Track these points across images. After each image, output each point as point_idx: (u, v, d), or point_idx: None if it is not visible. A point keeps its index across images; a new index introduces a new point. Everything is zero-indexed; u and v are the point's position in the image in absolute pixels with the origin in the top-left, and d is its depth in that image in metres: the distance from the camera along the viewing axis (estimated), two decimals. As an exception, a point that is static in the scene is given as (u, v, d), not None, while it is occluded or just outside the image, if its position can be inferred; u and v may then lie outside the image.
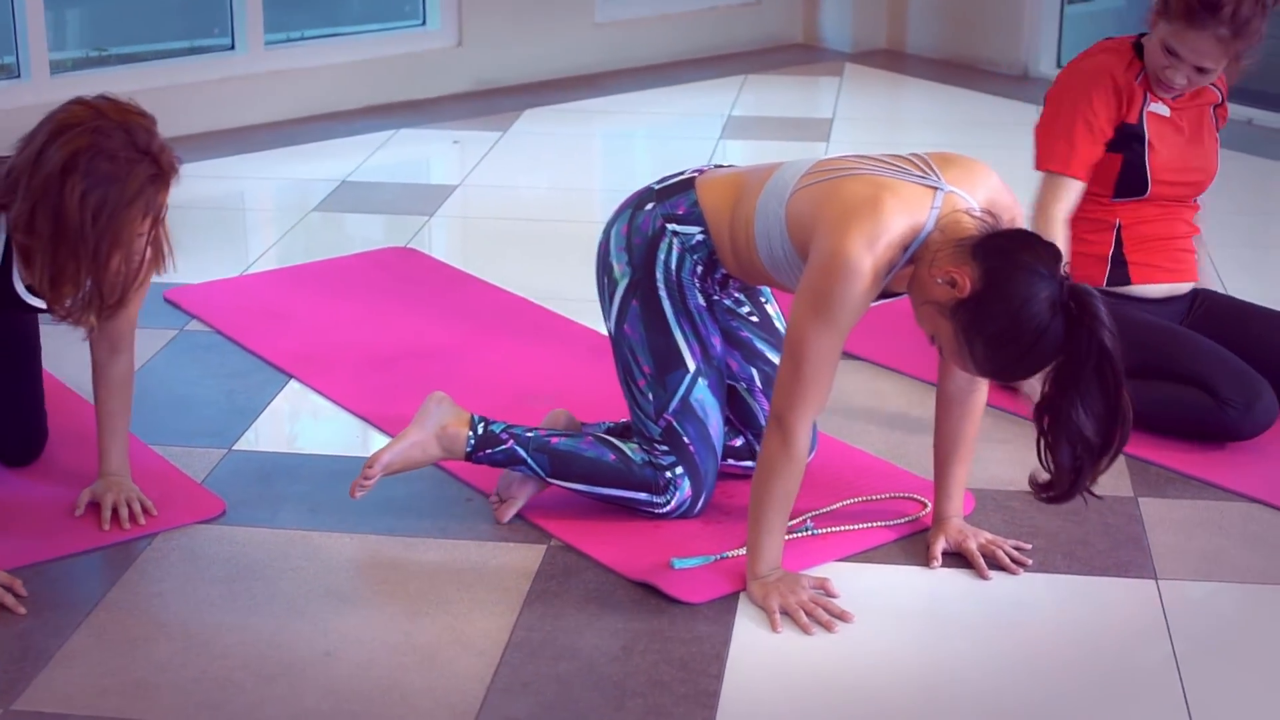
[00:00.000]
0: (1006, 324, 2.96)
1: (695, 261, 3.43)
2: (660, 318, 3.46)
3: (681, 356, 3.46)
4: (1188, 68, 3.90)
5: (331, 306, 4.78)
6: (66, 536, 3.44)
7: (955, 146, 6.55)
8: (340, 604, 3.24)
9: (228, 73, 6.84)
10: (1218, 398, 3.81)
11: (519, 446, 3.49)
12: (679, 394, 3.46)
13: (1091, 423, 2.95)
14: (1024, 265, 2.98)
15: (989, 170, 3.31)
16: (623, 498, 3.50)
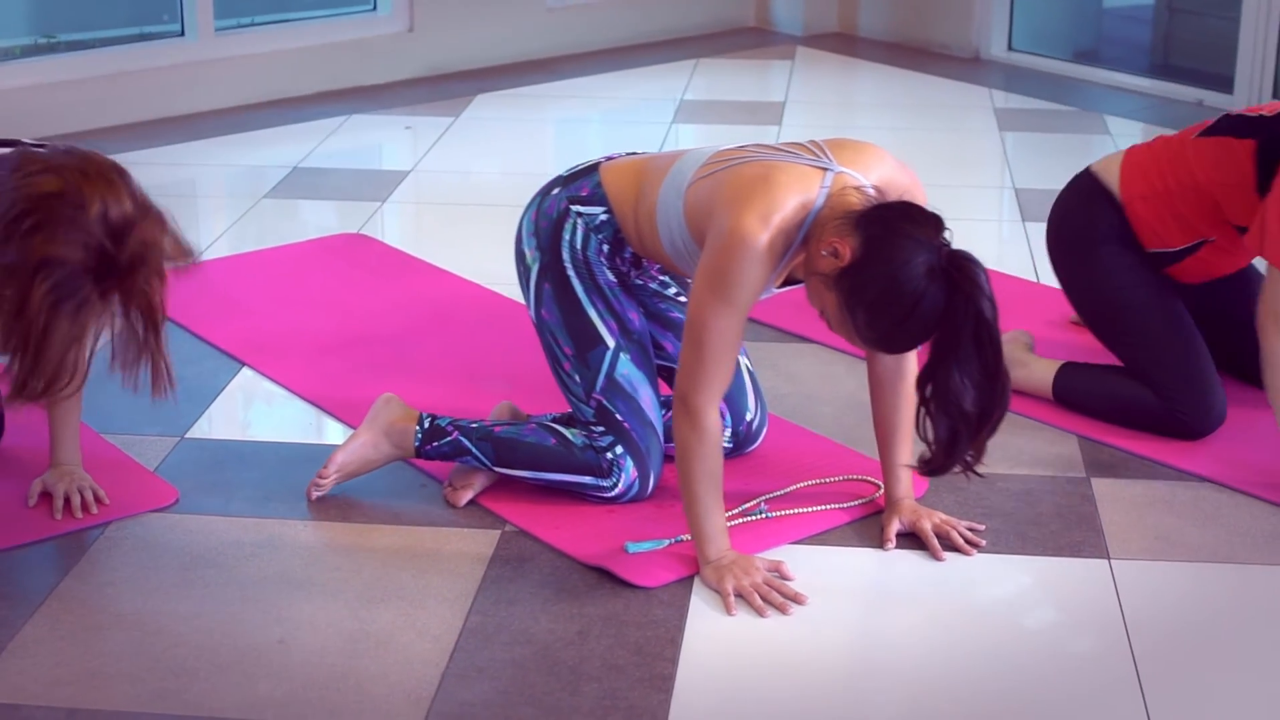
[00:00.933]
0: (883, 289, 3.00)
1: (601, 240, 3.46)
2: (572, 297, 3.48)
3: (599, 333, 3.47)
4: None
5: (284, 293, 4.77)
6: (18, 526, 3.42)
7: (908, 129, 6.63)
8: (294, 591, 3.23)
9: (178, 59, 6.81)
10: (1171, 404, 3.81)
11: (464, 437, 3.51)
12: (603, 371, 3.47)
13: (970, 392, 3.00)
14: (902, 232, 3.02)
15: (883, 153, 3.35)
16: (570, 483, 3.50)
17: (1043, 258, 5.02)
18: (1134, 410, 3.87)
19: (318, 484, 3.54)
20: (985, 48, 7.84)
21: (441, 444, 3.52)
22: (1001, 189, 5.86)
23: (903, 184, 3.31)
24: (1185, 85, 7.11)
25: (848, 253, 3.05)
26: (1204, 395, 3.82)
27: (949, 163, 6.17)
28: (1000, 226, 5.53)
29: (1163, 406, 3.83)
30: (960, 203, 5.65)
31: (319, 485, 3.54)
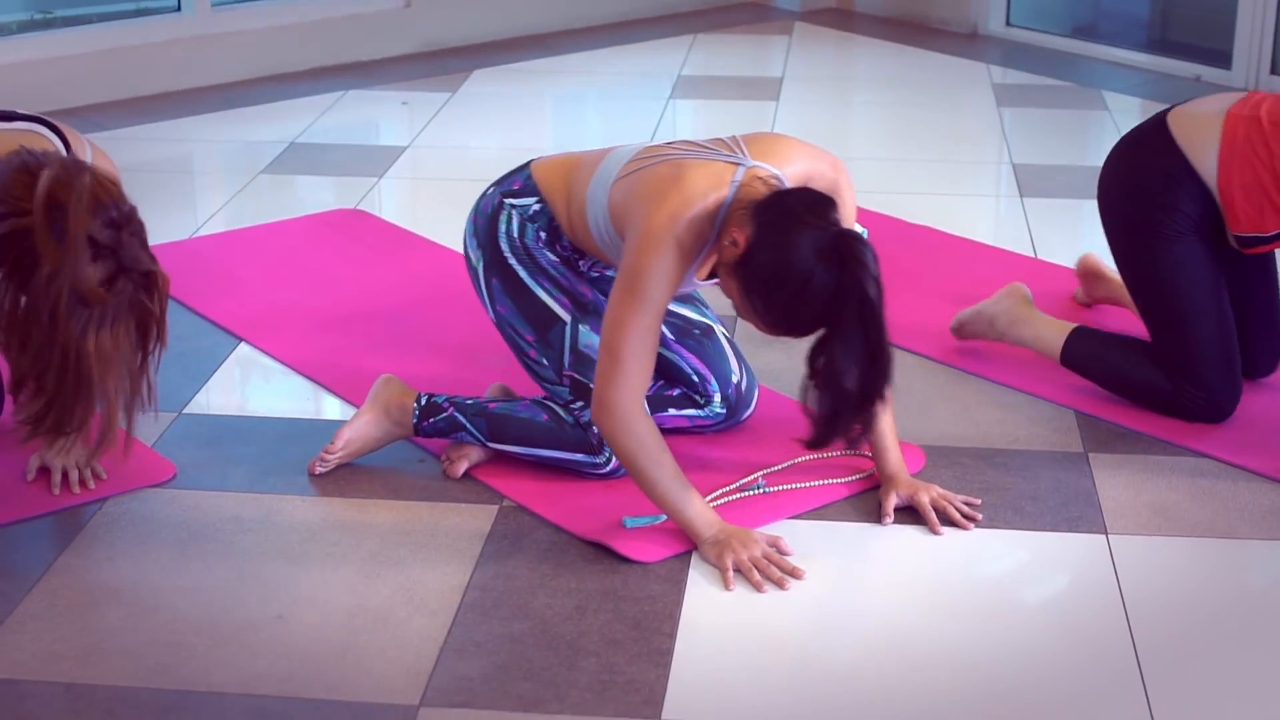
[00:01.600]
0: (773, 271, 3.04)
1: (537, 229, 3.52)
2: (519, 284, 3.52)
3: (553, 311, 3.50)
4: None
5: (281, 269, 4.76)
6: (16, 502, 3.42)
7: (906, 104, 6.63)
8: (292, 566, 3.23)
9: (174, 34, 6.79)
10: (1180, 392, 3.79)
11: (459, 413, 3.53)
12: (566, 347, 3.49)
13: (853, 371, 3.02)
14: (790, 214, 3.06)
15: (799, 144, 3.38)
16: (563, 459, 3.51)
17: (1040, 232, 5.03)
18: (1140, 390, 3.86)
19: (323, 459, 3.55)
20: (983, 23, 7.82)
21: (438, 420, 3.54)
22: (999, 164, 5.85)
23: (823, 172, 3.34)
24: (1183, 60, 7.10)
25: (743, 240, 3.09)
26: (1218, 392, 3.78)
27: (947, 138, 6.16)
28: (998, 202, 5.52)
29: (1170, 392, 3.81)
30: (958, 178, 5.65)
31: (324, 461, 3.55)
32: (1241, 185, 3.70)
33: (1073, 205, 5.36)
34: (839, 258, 3.01)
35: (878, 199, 5.35)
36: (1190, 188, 3.75)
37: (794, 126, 6.30)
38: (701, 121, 6.51)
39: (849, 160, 5.96)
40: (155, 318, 3.00)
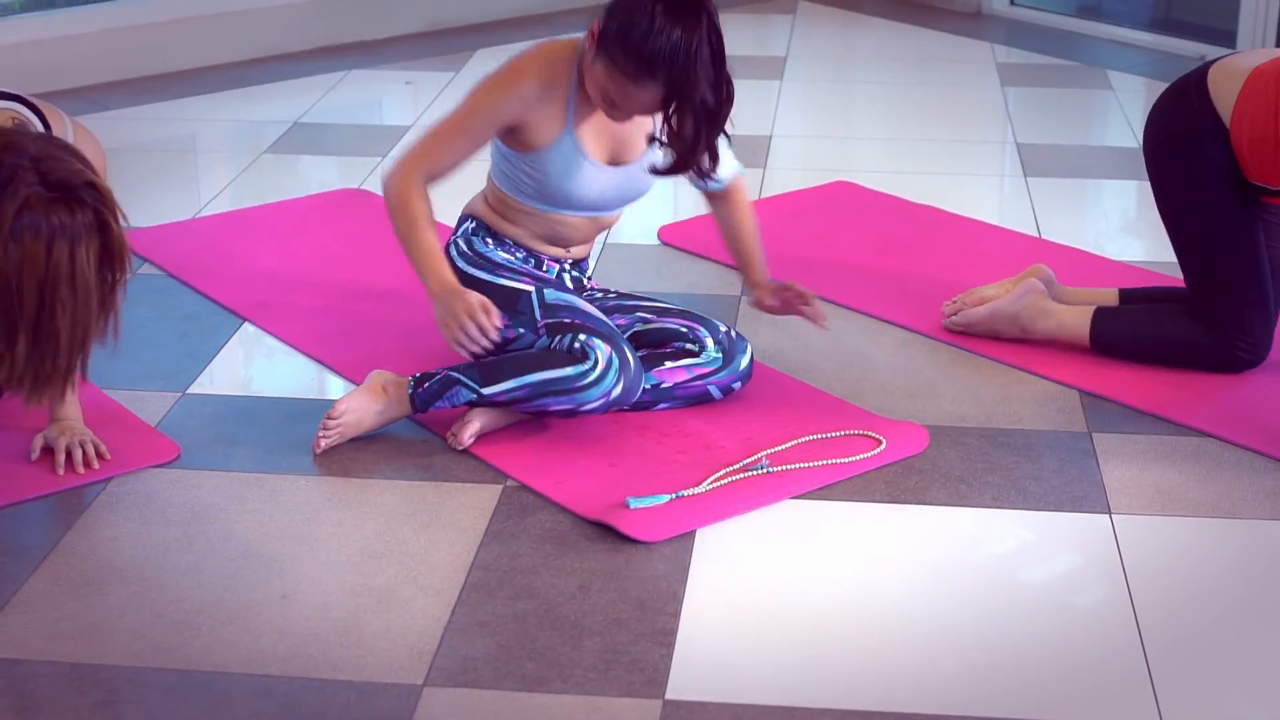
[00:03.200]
0: (624, 18, 3.41)
1: (482, 237, 3.77)
2: (481, 284, 3.65)
3: (516, 289, 3.66)
4: None
5: (285, 249, 4.76)
6: (20, 482, 3.43)
7: (909, 84, 6.62)
8: (296, 546, 3.23)
9: (177, 14, 6.78)
10: (1227, 340, 3.87)
11: (451, 370, 3.57)
12: (536, 307, 3.62)
13: (710, 92, 3.42)
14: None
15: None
16: (554, 379, 3.52)
17: (1045, 213, 5.03)
18: (1185, 348, 3.91)
19: (325, 427, 3.56)
20: (987, 2, 7.81)
21: (432, 383, 3.58)
22: (1003, 144, 5.84)
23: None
24: (1188, 40, 7.08)
25: (597, 27, 3.48)
26: (1262, 333, 3.88)
27: (951, 118, 6.15)
28: (1002, 181, 5.51)
29: (1217, 341, 3.87)
30: (962, 158, 5.64)
31: (325, 430, 3.55)
32: (1250, 139, 3.76)
33: (1077, 185, 5.36)
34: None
35: (881, 178, 5.35)
36: (1220, 140, 3.81)
37: (798, 105, 6.30)
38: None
39: (853, 139, 5.97)
40: (117, 239, 2.89)
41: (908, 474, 3.51)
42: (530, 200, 3.73)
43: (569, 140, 3.63)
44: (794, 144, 5.85)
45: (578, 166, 3.65)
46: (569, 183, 3.67)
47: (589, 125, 3.65)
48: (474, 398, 3.57)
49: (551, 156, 3.64)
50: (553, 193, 3.70)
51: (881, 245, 4.75)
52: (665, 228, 4.92)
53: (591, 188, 3.70)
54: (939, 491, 3.44)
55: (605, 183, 3.71)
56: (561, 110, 3.62)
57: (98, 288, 2.88)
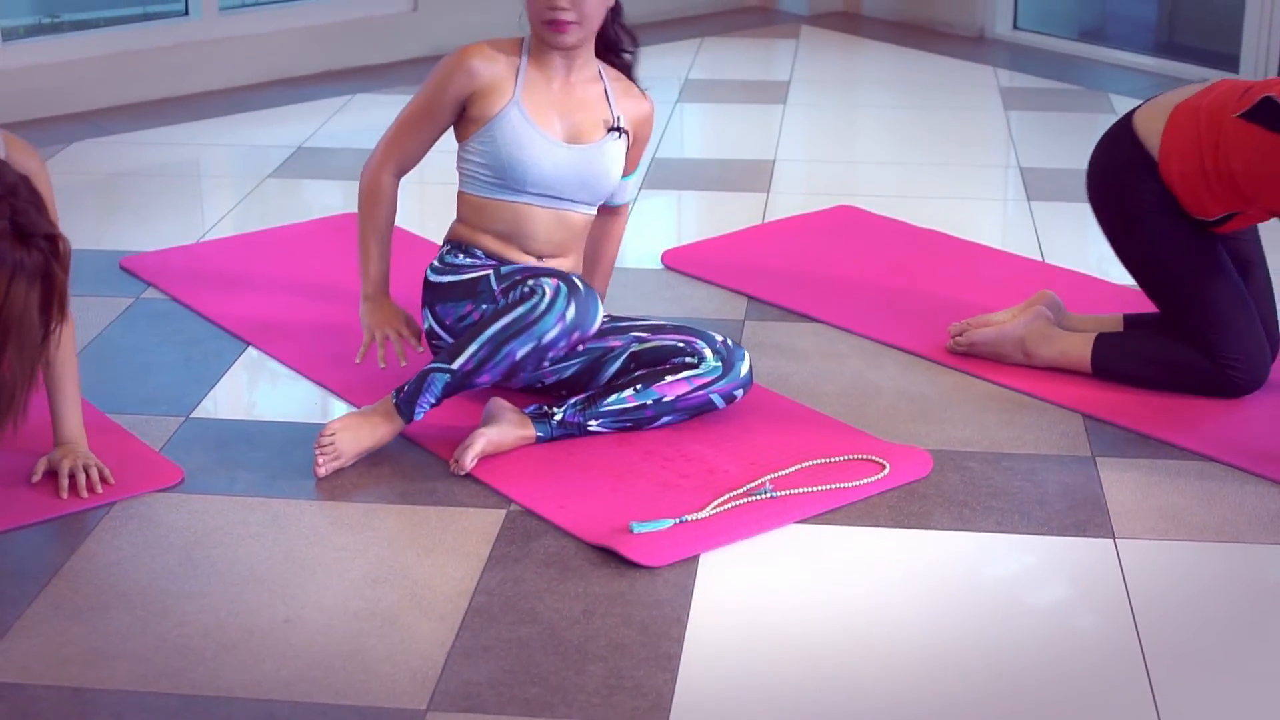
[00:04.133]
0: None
1: (454, 253, 3.91)
2: (446, 286, 3.85)
3: (475, 278, 3.81)
4: None
5: (289, 273, 4.76)
6: (23, 506, 3.43)
7: (913, 108, 6.63)
8: (299, 571, 3.23)
9: (182, 39, 6.80)
10: (1222, 363, 3.87)
11: (427, 366, 3.63)
12: (494, 282, 3.76)
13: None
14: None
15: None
16: (508, 323, 3.57)
17: (1048, 237, 5.04)
18: (1184, 373, 3.92)
19: (321, 450, 3.56)
20: (990, 26, 7.82)
21: (409, 384, 3.62)
22: (1006, 168, 5.85)
23: None
24: (1191, 64, 7.09)
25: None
26: (1251, 353, 3.89)
27: (954, 142, 6.16)
28: (1005, 205, 5.52)
29: (1213, 366, 3.88)
30: (965, 182, 5.65)
31: (321, 451, 3.56)
32: (1180, 174, 3.83)
33: (1080, 209, 5.34)
34: None
35: (885, 202, 5.35)
36: (1144, 170, 3.90)
37: (801, 130, 6.31)
38: (709, 125, 6.51)
39: (856, 164, 5.98)
40: (60, 288, 2.99)
41: (911, 498, 3.50)
42: (489, 189, 3.84)
43: (516, 109, 3.79)
44: (797, 168, 5.85)
45: (528, 137, 3.79)
46: (520, 155, 3.79)
47: (538, 103, 3.82)
48: (448, 378, 3.59)
49: (500, 126, 3.80)
50: (508, 172, 3.81)
51: (885, 269, 4.76)
52: (668, 252, 4.93)
53: (544, 161, 3.80)
54: (942, 516, 3.43)
55: (560, 159, 3.80)
56: (510, 84, 3.82)
57: (41, 328, 2.98)
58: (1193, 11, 7.63)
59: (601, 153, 3.85)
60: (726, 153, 6.06)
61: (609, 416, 3.68)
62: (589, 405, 3.68)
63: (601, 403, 3.67)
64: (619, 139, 3.89)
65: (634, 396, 3.68)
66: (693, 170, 5.83)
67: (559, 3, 3.76)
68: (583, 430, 3.67)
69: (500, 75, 3.82)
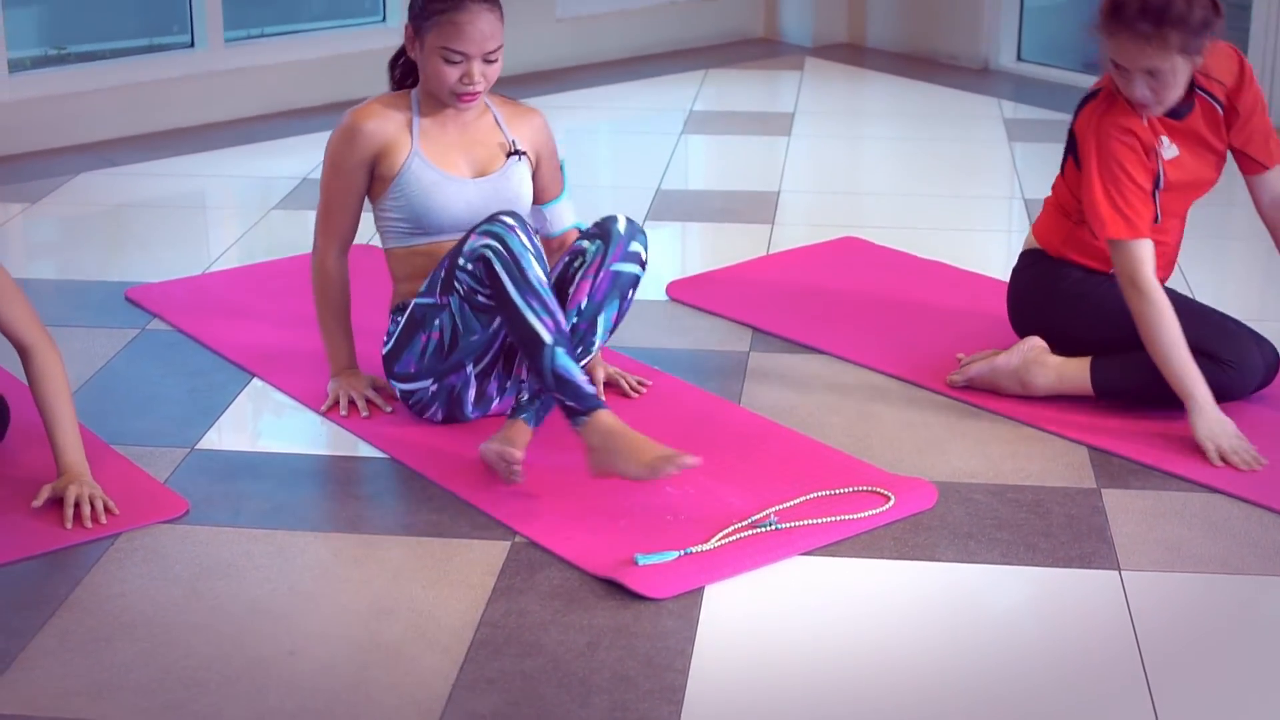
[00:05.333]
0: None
1: (396, 317, 3.96)
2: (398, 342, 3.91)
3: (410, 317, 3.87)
4: (1139, 79, 3.82)
5: (294, 304, 4.76)
6: (28, 537, 3.43)
7: (917, 139, 6.64)
8: (304, 602, 3.23)
9: (188, 70, 6.82)
10: (1218, 361, 3.92)
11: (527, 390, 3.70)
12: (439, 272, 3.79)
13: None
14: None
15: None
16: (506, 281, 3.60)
17: (1052, 268, 5.02)
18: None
19: (510, 467, 3.60)
20: (994, 58, 7.84)
21: (532, 399, 3.67)
22: (1010, 199, 5.85)
23: None
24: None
25: (408, 25, 3.88)
26: (1243, 349, 3.97)
27: (958, 173, 6.17)
28: (1009, 237, 5.52)
29: (1216, 367, 3.90)
30: (969, 213, 5.65)
31: (513, 467, 3.60)
32: (1064, 242, 4.16)
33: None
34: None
35: (889, 234, 5.36)
36: (1052, 264, 4.19)
37: (806, 161, 6.32)
38: (714, 156, 6.52)
39: (861, 195, 5.99)
40: None
41: (916, 530, 3.50)
42: (408, 238, 3.94)
43: (417, 159, 3.89)
44: (802, 199, 5.86)
45: (432, 182, 3.89)
46: (431, 201, 3.89)
47: (437, 147, 3.92)
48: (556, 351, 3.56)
49: (406, 179, 3.90)
50: (421, 216, 3.90)
51: (889, 301, 4.76)
52: (673, 283, 4.93)
53: (455, 202, 3.89)
54: (947, 548, 3.43)
55: (471, 196, 3.90)
56: (406, 137, 3.91)
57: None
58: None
59: (507, 178, 3.95)
60: (731, 184, 6.07)
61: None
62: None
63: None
64: (520, 161, 3.98)
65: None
66: (697, 202, 5.83)
67: (475, 81, 3.83)
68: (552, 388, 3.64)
69: (394, 132, 3.91)
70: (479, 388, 3.90)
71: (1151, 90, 3.82)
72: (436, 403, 3.91)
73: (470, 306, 3.73)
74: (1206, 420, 3.79)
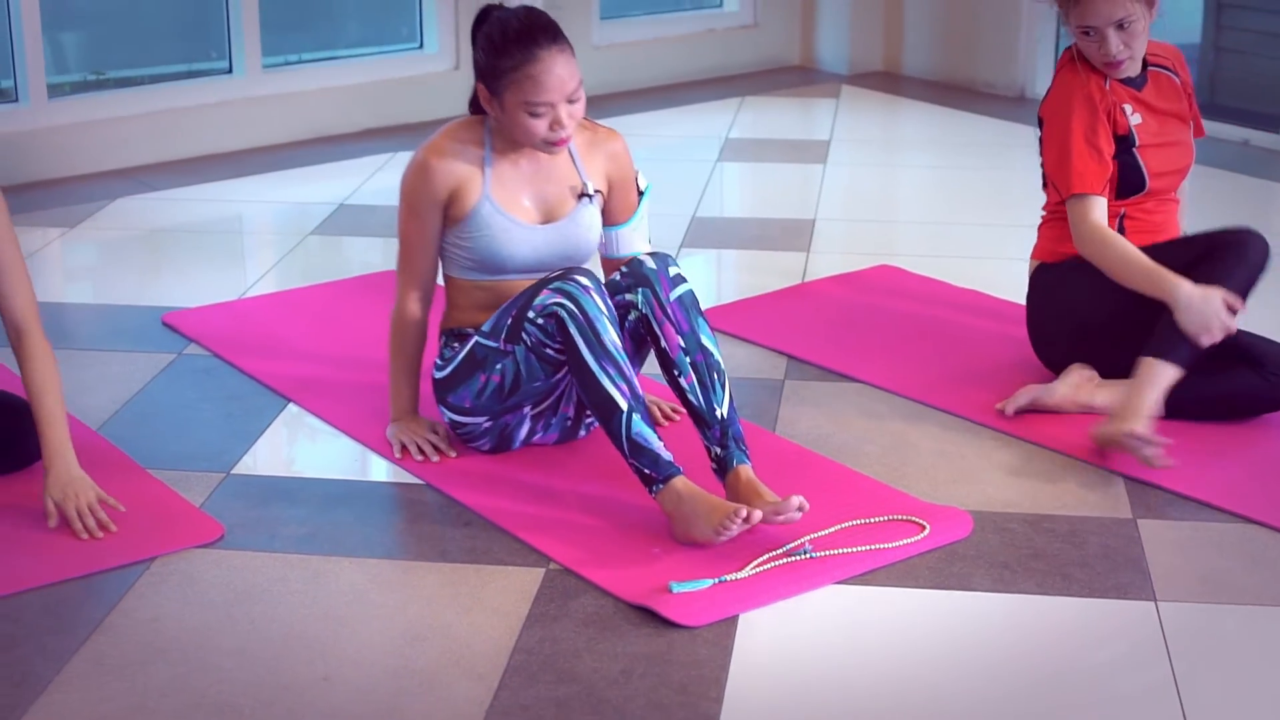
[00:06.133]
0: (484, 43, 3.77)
1: (450, 344, 3.96)
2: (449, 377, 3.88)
3: (470, 354, 3.80)
4: (1112, 34, 4.10)
5: (329, 330, 4.78)
6: (63, 560, 3.44)
7: (951, 167, 6.62)
8: (339, 628, 3.23)
9: (225, 96, 6.85)
10: (1261, 369, 4.02)
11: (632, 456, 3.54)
12: (488, 339, 3.75)
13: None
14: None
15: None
16: (582, 345, 3.56)
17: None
18: (1243, 396, 4.05)
19: (731, 524, 3.44)
20: (1030, 86, 7.82)
21: (636, 465, 3.52)
22: (1047, 228, 5.84)
23: None
24: (1232, 125, 7.08)
25: (477, 84, 3.81)
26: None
27: (993, 201, 6.16)
28: (1046, 266, 5.51)
29: (1250, 376, 4.03)
30: (1004, 241, 5.64)
31: (734, 524, 3.44)
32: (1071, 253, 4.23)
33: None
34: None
35: (925, 262, 5.35)
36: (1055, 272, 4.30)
37: (841, 189, 6.32)
38: (749, 183, 6.52)
39: (897, 223, 5.98)
40: None
41: (951, 560, 3.49)
42: (471, 273, 3.90)
43: (488, 204, 3.81)
44: (838, 227, 5.86)
45: (501, 228, 3.82)
46: (499, 245, 3.82)
47: (508, 190, 3.84)
48: (631, 416, 3.52)
49: (475, 223, 3.83)
50: (487, 259, 3.84)
51: (924, 329, 4.75)
52: (708, 310, 4.92)
53: (522, 248, 3.83)
54: (983, 578, 3.42)
55: (538, 242, 3.84)
56: (478, 177, 3.83)
57: None
58: (1234, 72, 7.61)
59: (576, 224, 3.88)
60: (766, 212, 6.07)
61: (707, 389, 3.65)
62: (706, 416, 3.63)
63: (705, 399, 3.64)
64: (590, 204, 3.91)
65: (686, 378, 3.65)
66: (733, 229, 5.84)
67: (565, 126, 3.75)
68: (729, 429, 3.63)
69: (466, 172, 3.83)
70: (531, 426, 3.90)
71: (1124, 43, 4.11)
72: (487, 437, 3.89)
73: (536, 356, 3.69)
74: (1191, 309, 3.93)
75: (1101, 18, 4.08)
